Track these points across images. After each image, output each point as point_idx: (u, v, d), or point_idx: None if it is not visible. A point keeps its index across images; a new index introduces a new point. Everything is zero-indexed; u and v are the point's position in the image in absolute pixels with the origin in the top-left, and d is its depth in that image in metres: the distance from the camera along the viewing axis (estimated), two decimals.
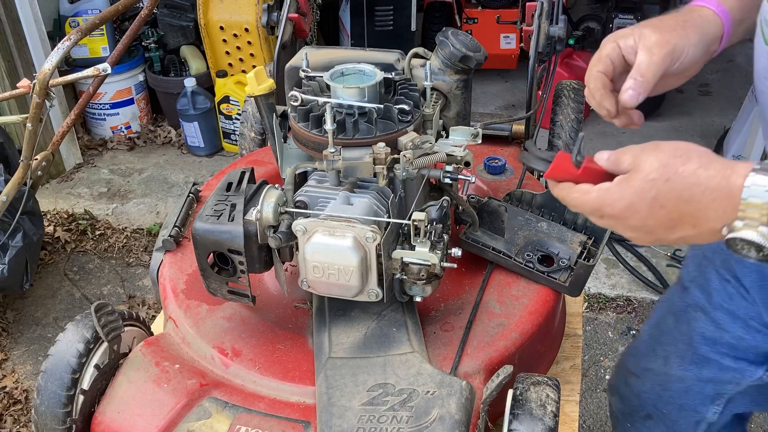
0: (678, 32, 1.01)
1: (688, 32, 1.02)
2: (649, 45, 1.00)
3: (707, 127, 4.30)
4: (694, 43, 1.02)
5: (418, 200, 1.24)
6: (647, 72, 0.99)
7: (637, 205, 0.86)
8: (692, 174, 0.83)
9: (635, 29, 1.02)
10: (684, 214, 0.84)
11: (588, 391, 2.68)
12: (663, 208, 0.85)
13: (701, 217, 0.83)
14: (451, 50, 1.38)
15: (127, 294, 3.16)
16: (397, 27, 4.23)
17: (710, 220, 0.82)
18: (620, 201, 0.87)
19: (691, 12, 1.06)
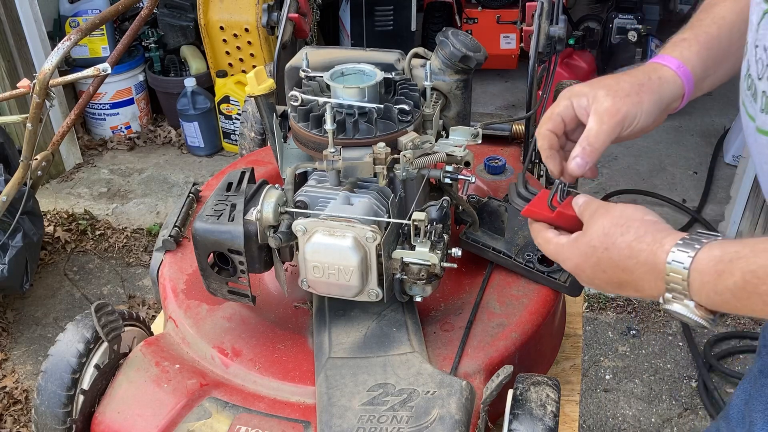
0: (632, 99, 1.00)
1: (643, 98, 1.01)
2: (600, 112, 1.00)
3: (707, 127, 4.30)
4: (647, 109, 1.01)
5: (418, 200, 1.24)
6: (596, 141, 1.00)
7: (583, 266, 0.93)
8: (627, 246, 0.87)
9: (591, 89, 1.02)
10: (623, 281, 0.88)
11: (588, 391, 2.68)
12: (605, 273, 0.90)
13: (639, 286, 0.87)
14: (451, 50, 1.38)
15: (127, 294, 3.16)
16: (397, 27, 4.23)
17: (647, 290, 0.86)
18: (569, 260, 0.95)
19: (650, 73, 1.04)
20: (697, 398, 2.65)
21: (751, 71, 0.97)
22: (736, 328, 2.92)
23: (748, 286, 0.75)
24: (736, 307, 0.78)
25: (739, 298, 0.77)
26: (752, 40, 0.96)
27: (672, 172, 3.90)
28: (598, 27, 4.35)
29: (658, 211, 3.80)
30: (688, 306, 0.82)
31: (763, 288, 0.74)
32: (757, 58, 0.94)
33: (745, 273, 0.75)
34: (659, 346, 2.87)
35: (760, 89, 0.93)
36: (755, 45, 0.95)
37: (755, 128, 0.96)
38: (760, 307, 0.76)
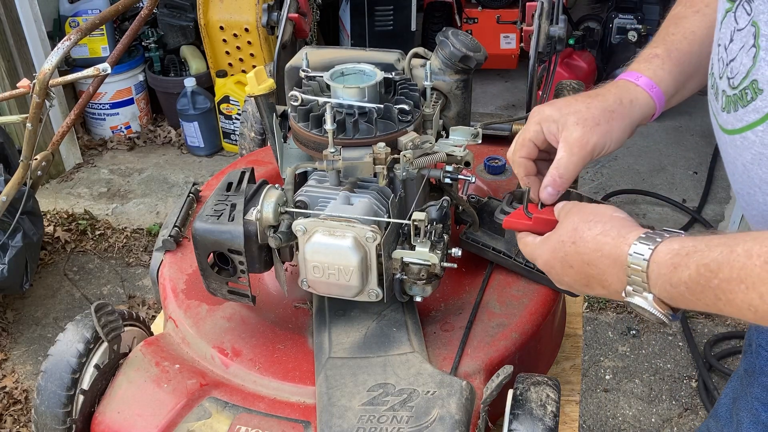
0: (602, 128, 1.01)
1: (612, 126, 1.02)
2: (570, 142, 1.00)
3: (707, 127, 4.29)
4: (616, 137, 1.03)
5: (418, 200, 1.24)
6: (566, 172, 1.02)
7: (551, 262, 0.95)
8: (593, 240, 0.89)
9: (561, 114, 1.02)
10: (589, 276, 0.90)
11: (588, 391, 2.69)
12: (572, 268, 0.92)
13: (604, 280, 0.88)
14: (451, 50, 1.38)
15: (127, 294, 3.16)
16: (397, 27, 4.23)
17: (612, 284, 0.87)
18: (540, 258, 0.97)
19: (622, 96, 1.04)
20: (697, 398, 2.66)
21: (713, 70, 0.98)
22: (736, 328, 2.92)
23: (701, 279, 0.76)
24: (690, 301, 0.79)
25: (692, 292, 0.78)
26: (716, 38, 0.97)
27: (672, 172, 3.90)
28: (598, 27, 4.35)
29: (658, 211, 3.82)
30: (647, 299, 0.83)
31: (714, 282, 0.75)
32: (718, 57, 0.95)
33: (699, 266, 0.76)
34: (659, 346, 2.87)
35: (720, 88, 0.93)
36: (718, 44, 0.95)
37: (718, 126, 0.97)
38: (712, 301, 0.77)
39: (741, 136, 0.91)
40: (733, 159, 0.95)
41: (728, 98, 0.92)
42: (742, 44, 0.87)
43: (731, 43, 0.90)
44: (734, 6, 0.89)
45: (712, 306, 0.77)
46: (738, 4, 0.89)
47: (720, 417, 1.41)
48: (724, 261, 0.74)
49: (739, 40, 0.88)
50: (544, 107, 1.05)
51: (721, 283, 0.74)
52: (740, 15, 0.88)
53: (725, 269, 0.74)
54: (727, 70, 0.91)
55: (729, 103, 0.92)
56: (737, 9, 0.89)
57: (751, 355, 1.29)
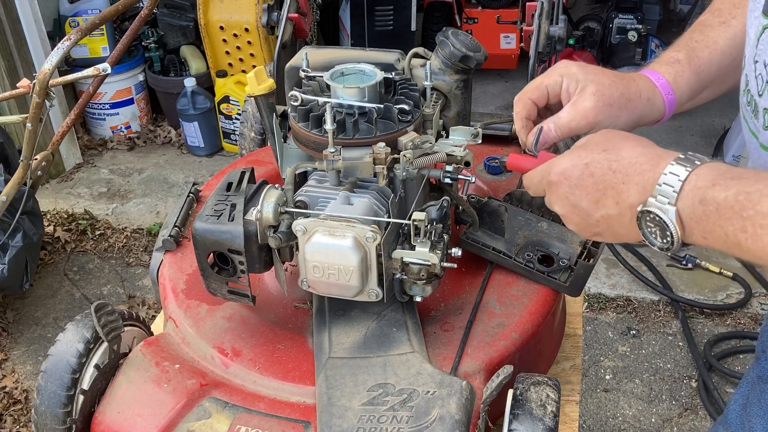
0: (613, 111, 1.01)
1: (622, 115, 1.02)
2: (578, 108, 1.01)
3: (707, 127, 4.30)
4: (621, 125, 1.03)
5: (418, 200, 1.24)
6: (560, 130, 1.02)
7: (570, 171, 0.89)
8: (630, 149, 0.85)
9: (584, 76, 1.02)
10: (609, 185, 0.85)
11: (588, 391, 2.69)
12: (592, 176, 0.86)
13: (624, 191, 0.83)
14: (451, 50, 1.38)
15: (127, 294, 3.16)
16: (397, 27, 4.23)
17: (631, 194, 0.83)
18: (557, 167, 0.90)
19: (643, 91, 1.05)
20: (697, 398, 2.66)
21: (750, 87, 0.96)
22: (736, 328, 2.92)
23: (737, 204, 0.73)
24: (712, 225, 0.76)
25: (721, 215, 0.75)
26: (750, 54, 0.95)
27: None
28: (598, 27, 4.35)
29: None
30: (668, 212, 0.79)
31: (749, 212, 0.72)
32: (756, 74, 0.93)
33: (739, 192, 0.74)
34: (659, 346, 2.87)
35: (761, 106, 0.92)
36: (754, 60, 0.94)
37: (758, 145, 0.95)
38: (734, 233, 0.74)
39: None
40: None
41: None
42: None
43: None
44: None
45: (731, 237, 0.74)
46: None
47: (730, 423, 1.40)
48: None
49: None
50: (572, 64, 1.05)
51: (756, 216, 0.72)
52: None
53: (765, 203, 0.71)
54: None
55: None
56: None
57: (765, 361, 1.28)
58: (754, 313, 2.98)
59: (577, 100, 1.01)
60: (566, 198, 0.90)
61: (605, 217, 0.86)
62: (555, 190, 0.91)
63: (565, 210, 0.92)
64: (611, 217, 0.86)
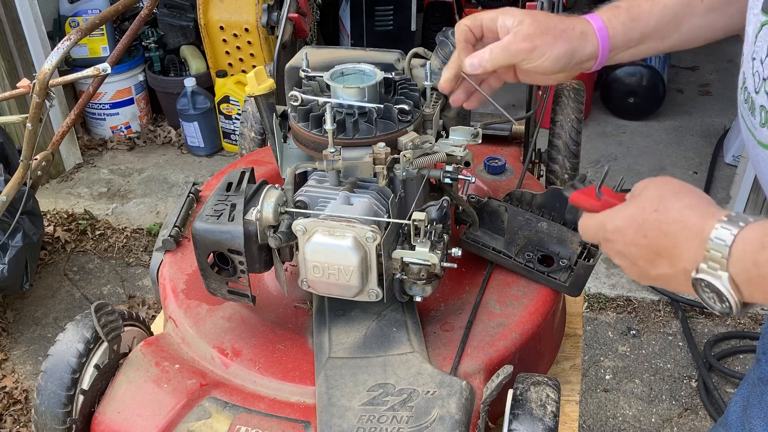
0: (548, 38, 1.06)
1: (558, 42, 1.06)
2: (518, 34, 1.06)
3: (707, 127, 4.30)
4: (557, 54, 1.07)
5: (418, 200, 1.24)
6: (500, 54, 1.07)
7: (625, 229, 0.89)
8: (678, 210, 0.85)
9: (520, 14, 1.08)
10: (662, 248, 0.85)
11: (588, 391, 2.69)
12: (645, 238, 0.87)
13: (676, 255, 0.84)
14: (451, 50, 1.38)
15: (127, 294, 3.16)
16: (397, 27, 4.23)
17: (683, 260, 0.83)
18: (612, 223, 0.91)
19: (576, 25, 1.10)
20: (697, 398, 2.66)
21: (747, 84, 0.96)
22: (736, 328, 2.92)
23: None
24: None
25: None
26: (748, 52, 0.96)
27: (672, 172, 3.90)
28: None
29: None
30: (722, 278, 0.79)
31: None
32: (753, 71, 0.93)
33: None
34: (659, 346, 2.87)
35: (758, 103, 0.92)
36: (752, 57, 0.94)
37: (756, 142, 0.96)
38: None
39: None
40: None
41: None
42: None
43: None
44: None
45: None
46: None
47: (730, 425, 1.40)
48: None
49: None
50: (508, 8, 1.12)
51: None
52: None
53: None
54: (765, 85, 0.90)
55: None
56: None
57: (766, 363, 1.28)
58: (754, 313, 2.98)
59: (516, 30, 1.07)
60: (623, 254, 0.91)
61: (662, 275, 0.88)
62: (611, 246, 0.92)
63: (624, 264, 0.93)
64: (668, 276, 0.87)
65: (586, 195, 1.00)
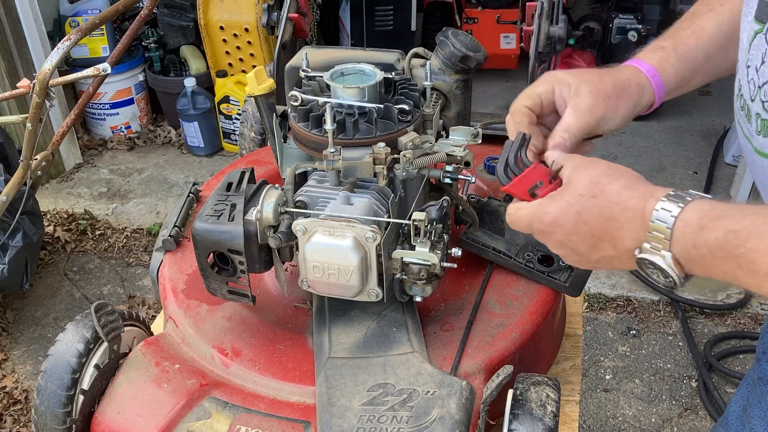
0: (611, 102, 1.02)
1: (620, 104, 1.03)
2: (580, 108, 1.01)
3: (707, 127, 4.30)
4: (622, 114, 1.04)
5: (418, 200, 1.24)
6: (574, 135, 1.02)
7: (563, 219, 0.88)
8: (616, 193, 0.85)
9: (575, 79, 1.03)
10: (604, 231, 0.86)
11: (588, 391, 2.69)
12: (586, 224, 0.87)
13: (618, 237, 0.85)
14: (451, 50, 1.38)
15: (127, 294, 3.16)
16: (397, 27, 4.23)
17: (626, 240, 0.84)
18: (547, 215, 0.90)
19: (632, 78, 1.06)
20: (697, 398, 2.65)
21: (743, 91, 0.97)
22: (736, 328, 2.92)
23: (726, 245, 0.75)
24: (709, 265, 0.78)
25: (714, 256, 0.77)
26: (743, 59, 0.96)
27: (672, 172, 3.90)
28: (598, 27, 4.35)
29: None
30: (665, 257, 0.81)
31: (740, 250, 0.74)
32: (748, 79, 0.94)
33: (728, 231, 0.75)
34: (659, 346, 2.87)
35: (754, 111, 0.92)
36: (746, 65, 0.94)
37: (752, 149, 0.96)
38: (731, 269, 0.76)
39: None
40: None
41: (764, 122, 0.91)
42: None
43: (763, 65, 0.89)
44: (764, 28, 0.88)
45: (729, 274, 0.76)
46: None
47: (730, 425, 1.40)
48: (756, 231, 0.73)
49: None
50: (557, 72, 1.06)
51: (747, 253, 0.73)
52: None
53: (754, 240, 0.73)
54: (760, 93, 0.90)
55: (765, 127, 0.91)
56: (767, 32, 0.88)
57: (766, 362, 1.28)
58: (754, 313, 2.98)
59: (577, 103, 1.02)
60: (562, 243, 0.91)
61: (604, 257, 0.89)
62: (549, 236, 0.92)
63: (563, 252, 0.93)
64: (610, 257, 0.88)
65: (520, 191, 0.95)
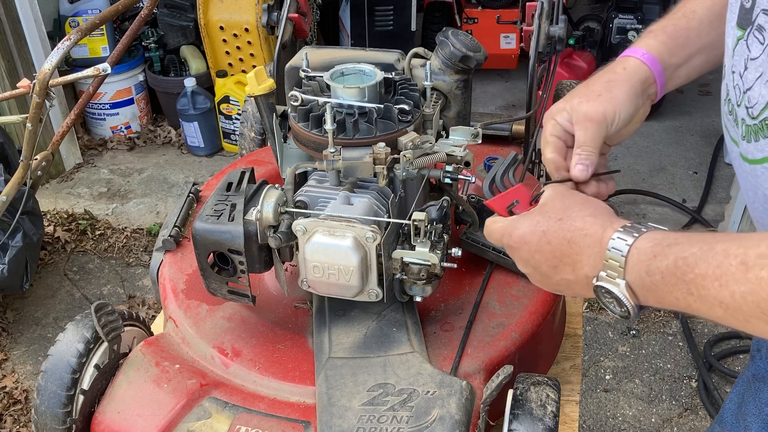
0: (604, 97, 1.04)
1: (614, 93, 1.04)
2: (580, 119, 1.04)
3: (707, 127, 4.30)
4: (623, 101, 1.04)
5: (418, 200, 1.24)
6: (588, 146, 1.03)
7: (529, 236, 0.92)
8: (580, 218, 0.89)
9: (566, 102, 1.05)
10: (565, 254, 0.89)
11: (588, 391, 2.69)
12: (549, 244, 0.90)
13: (578, 261, 0.87)
14: (451, 50, 1.38)
15: (127, 294, 3.16)
16: (397, 27, 4.23)
17: (584, 266, 0.87)
18: (516, 231, 0.94)
19: (615, 68, 1.07)
20: (697, 398, 2.65)
21: (730, 96, 0.98)
22: None
23: (677, 271, 0.77)
24: (662, 292, 0.80)
25: (666, 282, 0.78)
26: (729, 65, 0.97)
27: (672, 172, 3.90)
28: (598, 27, 4.35)
29: (658, 211, 3.81)
30: (619, 285, 0.83)
31: (689, 276, 0.76)
32: (734, 84, 0.95)
33: (677, 258, 0.77)
34: (659, 346, 2.87)
35: (740, 116, 0.94)
36: (732, 71, 0.96)
37: (739, 153, 0.97)
38: (683, 295, 0.77)
39: (763, 167, 0.91)
40: (754, 188, 0.95)
41: (748, 127, 0.92)
42: (758, 74, 0.88)
43: (746, 71, 0.90)
44: (745, 34, 0.90)
45: (681, 300, 0.78)
46: (749, 32, 0.89)
47: (726, 422, 1.40)
48: (702, 257, 0.76)
49: (755, 69, 0.88)
50: (551, 107, 1.09)
51: (696, 278, 0.75)
52: (752, 43, 0.88)
53: (702, 265, 0.75)
54: (744, 99, 0.91)
55: (750, 133, 0.92)
56: (748, 37, 0.89)
57: (760, 360, 1.29)
58: None
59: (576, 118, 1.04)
60: (527, 261, 0.95)
61: (564, 281, 0.91)
62: (515, 252, 0.96)
63: (527, 270, 0.97)
64: (570, 281, 0.91)
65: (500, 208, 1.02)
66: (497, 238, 0.98)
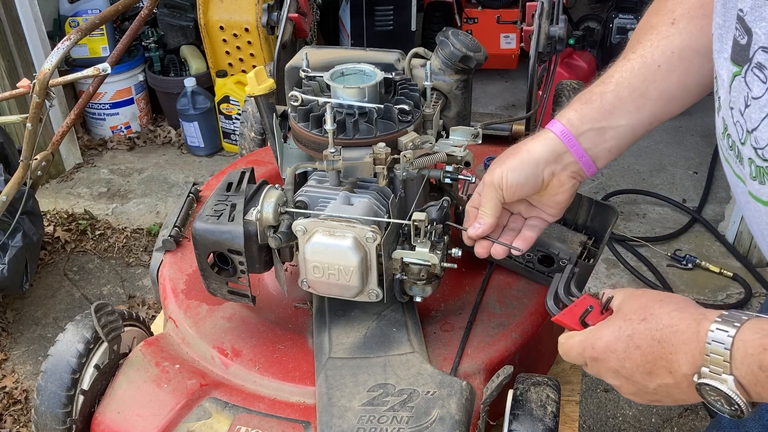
0: (498, 162, 1.06)
1: (506, 159, 1.06)
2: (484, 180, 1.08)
3: (707, 127, 4.30)
4: (511, 166, 1.04)
5: (418, 200, 1.24)
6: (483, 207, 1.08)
7: (614, 344, 0.86)
8: (666, 315, 0.83)
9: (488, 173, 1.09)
10: (658, 356, 0.83)
11: (588, 391, 2.68)
12: (638, 349, 0.84)
13: (674, 361, 0.81)
14: (451, 50, 1.38)
15: (127, 294, 3.16)
16: (397, 27, 4.23)
17: (682, 365, 0.81)
18: (599, 341, 0.88)
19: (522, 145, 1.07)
20: None
21: (730, 131, 0.94)
22: None
23: None
24: None
25: None
26: (725, 99, 0.93)
27: (672, 172, 3.90)
28: (598, 27, 4.35)
29: (658, 211, 3.80)
30: (727, 382, 0.76)
31: None
32: (734, 121, 0.91)
33: None
34: None
35: (746, 155, 0.89)
36: (730, 106, 0.92)
37: (746, 191, 0.93)
38: None
39: None
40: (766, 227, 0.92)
41: (759, 168, 0.88)
42: (764, 114, 0.83)
43: (747, 109, 0.86)
44: (743, 71, 0.85)
45: None
46: (747, 69, 0.85)
47: (724, 426, 1.40)
48: None
49: (759, 109, 0.83)
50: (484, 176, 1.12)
51: None
52: (752, 81, 0.83)
53: None
54: (750, 139, 0.87)
55: (761, 174, 0.88)
56: (747, 74, 0.85)
57: None
58: None
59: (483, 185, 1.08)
60: (617, 371, 0.88)
61: (662, 386, 0.85)
62: (602, 365, 0.90)
63: (619, 382, 0.90)
64: (668, 386, 0.84)
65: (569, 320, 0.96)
66: (578, 353, 0.92)
